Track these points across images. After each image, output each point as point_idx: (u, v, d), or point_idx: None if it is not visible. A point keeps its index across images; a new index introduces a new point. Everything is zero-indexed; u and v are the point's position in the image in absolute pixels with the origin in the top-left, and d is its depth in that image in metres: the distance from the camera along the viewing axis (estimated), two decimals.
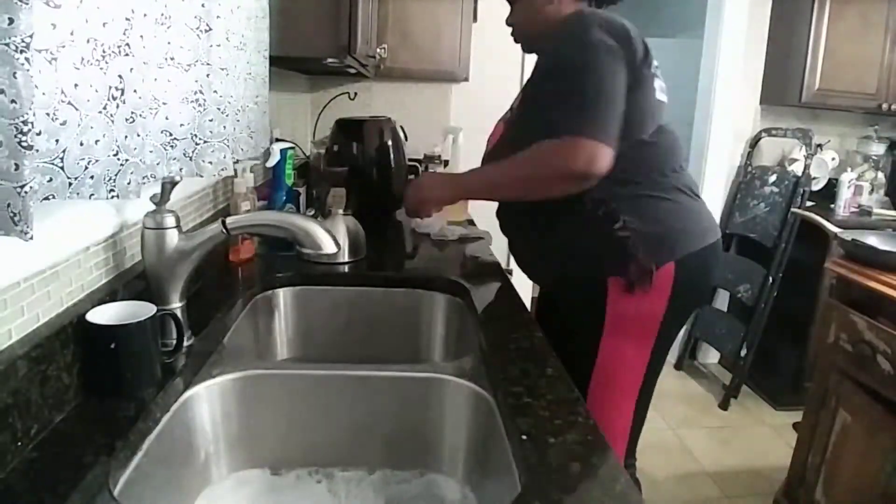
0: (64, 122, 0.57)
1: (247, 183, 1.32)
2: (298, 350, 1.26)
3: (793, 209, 2.54)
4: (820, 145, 2.84)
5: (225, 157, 0.96)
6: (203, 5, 0.88)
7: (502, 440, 0.74)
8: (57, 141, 0.57)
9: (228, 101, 1.00)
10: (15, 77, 0.47)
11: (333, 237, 0.87)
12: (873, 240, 1.63)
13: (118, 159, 0.67)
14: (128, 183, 0.69)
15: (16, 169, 0.49)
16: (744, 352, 2.72)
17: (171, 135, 0.82)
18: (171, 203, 0.85)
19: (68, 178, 0.59)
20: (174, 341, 0.82)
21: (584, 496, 0.59)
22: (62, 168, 0.58)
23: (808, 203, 2.65)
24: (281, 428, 0.89)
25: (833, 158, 2.93)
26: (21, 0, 0.47)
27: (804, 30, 2.61)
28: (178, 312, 0.86)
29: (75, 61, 0.58)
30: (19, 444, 0.60)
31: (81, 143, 0.60)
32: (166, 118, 0.80)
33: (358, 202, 1.78)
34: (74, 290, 0.77)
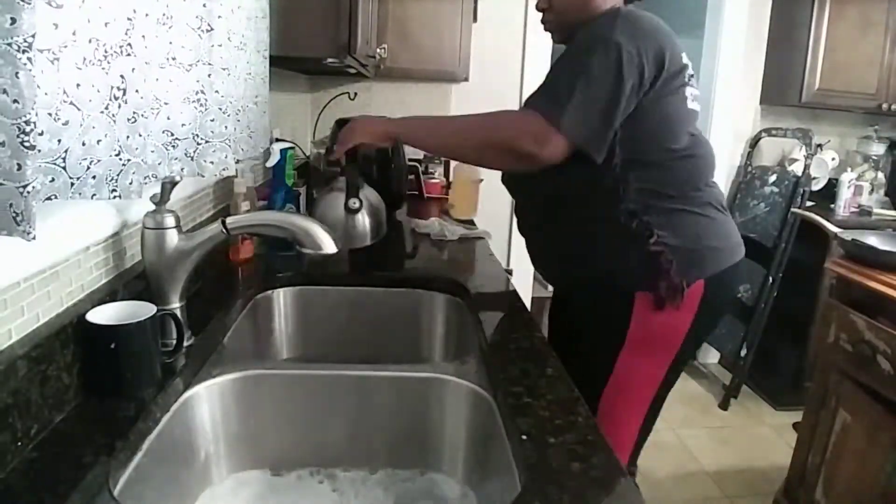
0: (66, 122, 0.57)
1: (247, 183, 1.33)
2: (298, 350, 1.26)
3: (793, 209, 2.54)
4: (820, 145, 2.84)
5: (226, 156, 0.96)
6: (204, 5, 0.88)
7: (502, 440, 0.74)
8: (59, 141, 0.57)
9: (230, 101, 1.00)
10: (17, 77, 0.47)
11: (332, 236, 0.87)
12: (873, 240, 1.63)
13: (120, 159, 0.67)
14: (130, 183, 0.69)
15: (18, 169, 0.49)
16: (744, 352, 2.72)
17: (172, 135, 0.82)
18: (171, 203, 0.86)
19: (70, 178, 0.59)
20: (174, 341, 0.82)
21: (584, 496, 0.59)
22: (64, 168, 0.58)
23: (808, 203, 2.65)
24: (281, 428, 0.89)
25: (833, 158, 2.93)
26: (23, 0, 0.47)
27: (804, 30, 2.61)
28: (178, 312, 0.86)
29: (77, 61, 0.58)
30: (19, 444, 0.60)
31: (83, 143, 0.60)
32: (168, 118, 0.80)
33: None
34: (74, 290, 0.77)
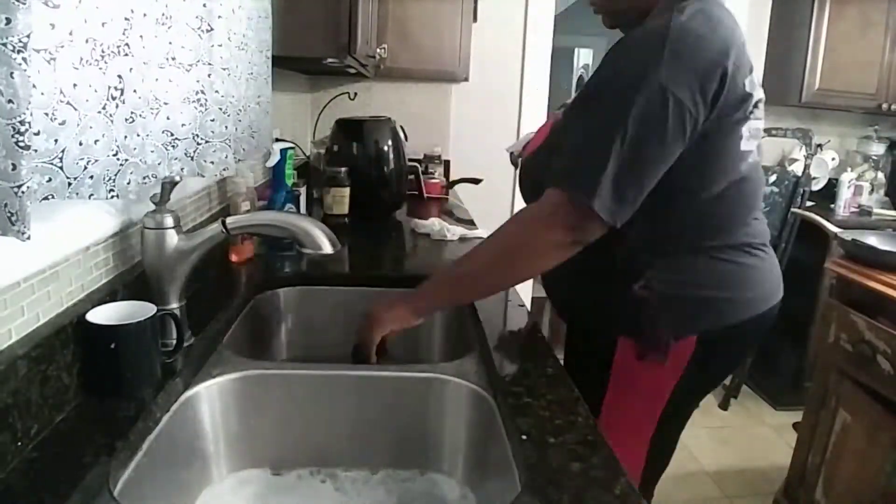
0: (63, 122, 0.57)
1: (247, 183, 1.32)
2: (298, 350, 1.26)
3: (793, 209, 2.54)
4: (820, 145, 2.84)
5: (227, 156, 0.96)
6: (204, 5, 0.88)
7: (502, 440, 0.74)
8: (56, 141, 0.57)
9: (230, 101, 1.00)
10: (12, 77, 0.47)
11: (332, 236, 0.87)
12: (873, 240, 1.63)
13: (118, 159, 0.67)
14: (127, 183, 0.69)
15: (13, 169, 0.49)
16: None
17: (172, 135, 0.82)
18: (171, 203, 0.85)
19: (67, 178, 0.59)
20: (174, 341, 0.82)
21: (583, 496, 0.59)
22: (61, 168, 0.58)
23: (808, 203, 2.65)
24: (281, 428, 0.89)
25: (833, 158, 2.93)
26: (18, 0, 0.47)
27: (804, 30, 2.62)
28: (178, 312, 0.86)
29: (74, 61, 0.58)
30: (19, 444, 0.60)
31: (80, 143, 0.60)
32: (168, 118, 0.80)
33: (358, 202, 1.79)
34: (74, 290, 0.76)
